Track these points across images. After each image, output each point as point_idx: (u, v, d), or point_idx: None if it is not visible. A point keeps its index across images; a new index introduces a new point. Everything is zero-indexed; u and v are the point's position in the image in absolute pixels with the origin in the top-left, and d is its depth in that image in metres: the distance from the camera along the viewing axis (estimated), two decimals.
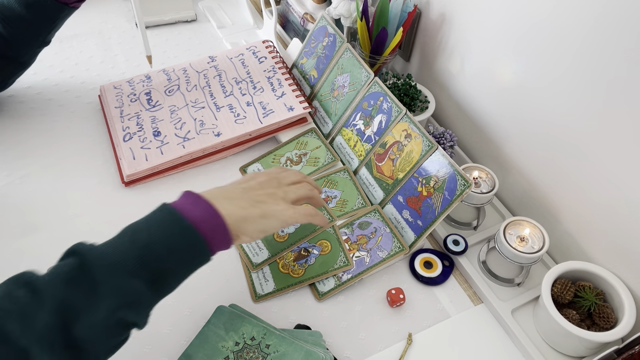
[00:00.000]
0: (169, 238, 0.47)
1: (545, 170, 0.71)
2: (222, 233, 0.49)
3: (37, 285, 0.43)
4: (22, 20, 0.73)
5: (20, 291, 0.42)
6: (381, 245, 0.68)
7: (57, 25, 0.77)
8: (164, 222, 0.48)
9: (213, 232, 0.49)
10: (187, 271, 0.49)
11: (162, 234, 0.47)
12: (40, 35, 0.77)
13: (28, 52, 0.78)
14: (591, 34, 0.57)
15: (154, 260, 0.46)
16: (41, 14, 0.74)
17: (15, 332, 0.39)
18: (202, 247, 0.48)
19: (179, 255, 0.47)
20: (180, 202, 0.50)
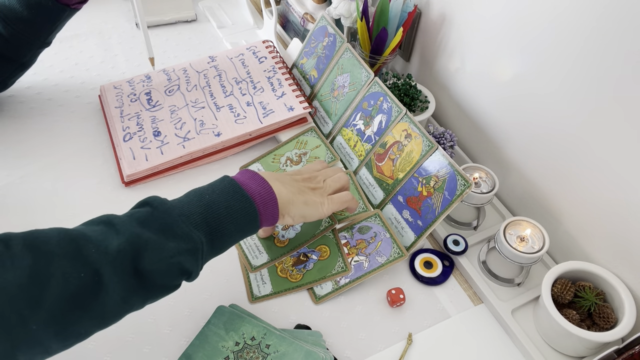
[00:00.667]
0: (229, 202, 0.53)
1: (546, 170, 0.71)
2: (272, 207, 0.57)
3: (114, 221, 0.49)
4: (23, 20, 0.73)
5: (99, 226, 0.49)
6: (380, 250, 0.68)
7: (58, 27, 0.77)
8: (226, 189, 0.54)
9: (265, 205, 0.56)
10: (238, 235, 0.55)
11: (223, 198, 0.53)
12: (41, 36, 0.77)
13: (28, 52, 0.78)
14: (592, 34, 0.57)
15: (215, 219, 0.52)
16: (42, 15, 0.74)
17: (93, 254, 0.45)
18: (254, 216, 0.55)
19: (235, 219, 0.54)
20: (240, 175, 0.57)
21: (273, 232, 0.71)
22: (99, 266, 0.45)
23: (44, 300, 0.42)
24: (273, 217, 0.57)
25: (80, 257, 0.45)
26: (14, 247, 0.43)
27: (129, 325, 0.61)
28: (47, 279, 0.43)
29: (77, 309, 0.44)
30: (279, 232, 0.72)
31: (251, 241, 0.71)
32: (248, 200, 0.54)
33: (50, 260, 0.44)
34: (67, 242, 0.45)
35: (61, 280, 0.43)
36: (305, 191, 0.61)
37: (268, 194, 0.56)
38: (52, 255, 0.44)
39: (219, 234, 0.53)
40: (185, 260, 0.50)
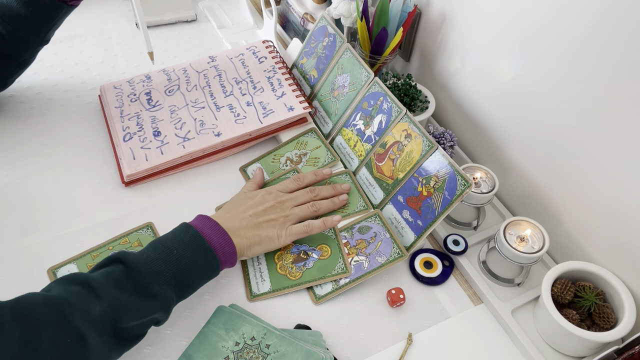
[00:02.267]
0: (194, 257, 0.58)
1: (546, 170, 0.71)
2: (231, 257, 0.62)
3: (91, 284, 0.51)
4: (21, 18, 0.73)
5: (75, 287, 0.51)
6: (380, 250, 0.68)
7: (56, 24, 0.77)
8: (191, 243, 0.59)
9: (225, 255, 0.61)
10: (202, 284, 0.60)
11: (189, 253, 0.58)
12: (40, 33, 0.76)
13: (27, 50, 0.78)
14: (591, 34, 0.57)
15: (183, 274, 0.57)
16: (40, 12, 0.73)
17: (78, 320, 0.48)
18: (217, 266, 0.60)
19: (200, 272, 0.59)
20: (201, 224, 0.62)
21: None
22: (84, 331, 0.48)
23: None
24: (231, 263, 0.63)
25: (66, 323, 0.48)
26: (2, 317, 0.46)
27: None
28: (37, 347, 0.46)
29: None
30: None
31: None
32: (211, 254, 0.59)
33: (38, 329, 0.47)
34: (52, 310, 0.48)
35: (49, 347, 0.46)
36: (261, 227, 0.65)
37: (228, 245, 0.61)
38: (39, 324, 0.47)
39: (186, 287, 0.58)
40: (159, 315, 0.55)
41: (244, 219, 0.65)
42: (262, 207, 0.67)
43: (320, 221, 0.69)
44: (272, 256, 0.69)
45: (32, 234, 0.70)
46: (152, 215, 0.73)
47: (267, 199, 0.69)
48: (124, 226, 0.71)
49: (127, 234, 0.70)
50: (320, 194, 0.73)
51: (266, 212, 0.67)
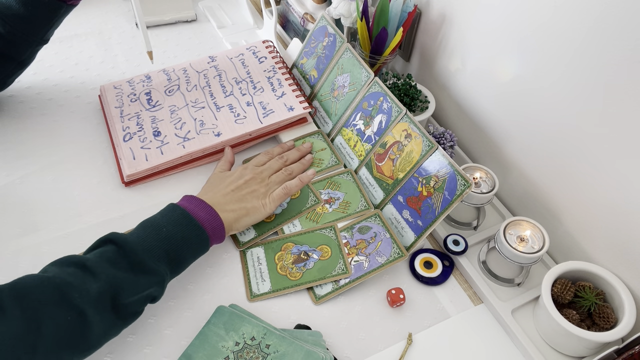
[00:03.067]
0: (184, 233, 0.60)
1: (546, 170, 0.71)
2: (220, 231, 0.64)
3: (86, 264, 0.53)
4: (20, 18, 0.73)
5: (70, 268, 0.53)
6: (380, 250, 0.68)
7: (55, 23, 0.77)
8: (180, 220, 0.60)
9: (214, 230, 0.63)
10: (193, 259, 0.62)
11: (179, 230, 0.60)
12: (39, 33, 0.76)
13: (27, 50, 0.78)
14: (591, 34, 0.57)
15: (174, 250, 0.59)
16: (39, 12, 0.73)
17: (76, 299, 0.50)
18: (206, 241, 0.62)
19: (190, 247, 0.61)
20: (188, 203, 0.63)
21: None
22: (83, 308, 0.50)
23: (39, 345, 0.47)
24: (221, 238, 0.65)
25: (65, 302, 0.50)
26: (2, 299, 0.47)
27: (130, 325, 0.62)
28: (39, 326, 0.47)
29: (67, 348, 0.50)
30: None
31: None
32: (200, 229, 0.61)
33: (39, 308, 0.48)
34: (50, 289, 0.50)
35: (51, 325, 0.48)
36: (245, 199, 0.68)
37: (216, 220, 0.63)
38: (39, 303, 0.48)
39: (178, 262, 0.60)
40: (155, 291, 0.57)
41: (227, 194, 0.68)
42: (242, 181, 0.70)
43: (296, 179, 0.73)
44: (273, 257, 0.69)
45: (32, 234, 0.70)
46: (152, 215, 0.73)
47: (245, 173, 0.72)
48: (124, 226, 0.71)
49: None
50: (290, 158, 0.78)
51: (247, 185, 0.70)
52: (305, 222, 0.73)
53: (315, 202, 0.74)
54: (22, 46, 0.77)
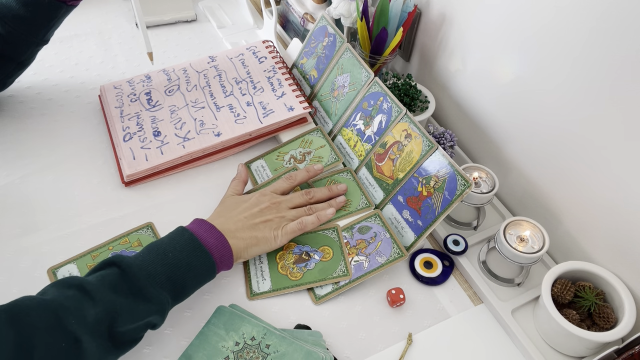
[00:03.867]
0: (190, 260, 0.58)
1: (546, 170, 0.71)
2: (228, 259, 0.62)
3: (86, 287, 0.51)
4: (20, 18, 0.73)
5: (70, 291, 0.51)
6: (380, 250, 0.68)
7: (55, 24, 0.77)
8: (187, 246, 0.59)
9: (222, 258, 0.61)
10: (198, 286, 0.60)
11: (185, 256, 0.58)
12: (39, 33, 0.76)
13: (27, 51, 0.78)
14: (593, 35, 0.57)
15: (179, 277, 0.57)
16: (39, 12, 0.73)
17: (72, 325, 0.48)
18: (212, 268, 0.60)
19: (196, 275, 0.59)
20: (197, 228, 0.61)
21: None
22: (78, 335, 0.48)
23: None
24: (229, 265, 0.63)
25: (60, 328, 0.48)
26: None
27: None
28: (31, 351, 0.46)
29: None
30: None
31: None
32: (207, 256, 0.59)
33: (33, 333, 0.46)
34: (47, 314, 0.48)
35: (44, 351, 0.46)
36: (257, 228, 0.66)
37: (224, 247, 0.61)
38: (33, 328, 0.47)
39: (181, 289, 0.58)
40: (154, 319, 0.55)
41: (240, 220, 0.65)
42: (257, 209, 0.67)
43: (313, 216, 0.69)
44: (274, 256, 0.69)
45: (32, 234, 0.70)
46: (152, 215, 0.73)
47: (262, 200, 0.69)
48: (124, 226, 0.71)
49: (127, 234, 0.70)
50: (316, 196, 0.73)
51: (262, 213, 0.67)
52: None
53: None
54: (22, 46, 0.77)
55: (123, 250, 0.68)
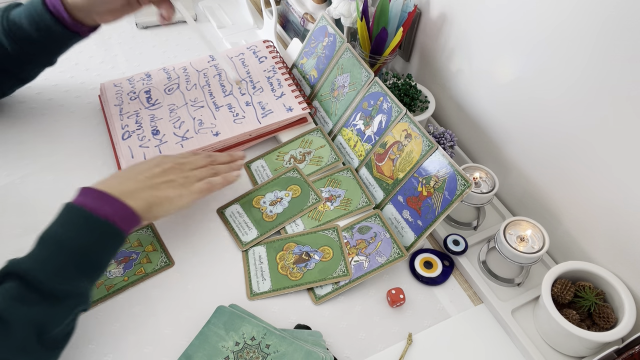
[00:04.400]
0: (90, 238, 0.54)
1: (546, 170, 0.71)
2: (133, 219, 0.58)
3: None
4: (30, 40, 0.72)
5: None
6: (380, 250, 0.68)
7: (64, 50, 0.77)
8: (82, 225, 0.54)
9: (124, 219, 0.56)
10: (112, 256, 0.57)
11: (83, 236, 0.53)
12: (46, 57, 0.77)
13: (32, 70, 0.78)
14: (594, 36, 0.57)
15: (85, 261, 0.53)
16: (50, 39, 0.73)
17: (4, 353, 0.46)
18: (119, 235, 0.56)
19: (102, 247, 0.55)
20: (85, 199, 0.56)
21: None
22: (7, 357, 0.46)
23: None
24: (135, 225, 0.58)
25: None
26: None
27: (129, 325, 0.62)
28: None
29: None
30: (267, 207, 0.74)
31: (240, 218, 0.73)
32: (107, 226, 0.55)
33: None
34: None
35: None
36: (159, 187, 0.62)
37: (123, 210, 0.56)
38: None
39: (95, 269, 0.55)
40: (80, 308, 0.53)
41: (139, 180, 0.61)
42: (158, 169, 0.63)
43: (220, 177, 0.67)
44: (274, 256, 0.69)
45: (32, 234, 0.69)
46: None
47: (164, 161, 0.65)
48: None
49: None
50: (218, 160, 0.72)
51: (164, 174, 0.63)
52: (308, 221, 0.73)
53: (316, 201, 0.74)
54: (27, 66, 0.77)
55: (123, 250, 0.68)
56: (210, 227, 0.73)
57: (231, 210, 0.74)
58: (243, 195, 0.76)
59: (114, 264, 0.67)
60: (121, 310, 0.63)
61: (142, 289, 0.65)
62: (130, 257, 0.68)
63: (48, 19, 0.71)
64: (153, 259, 0.68)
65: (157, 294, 0.65)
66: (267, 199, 0.75)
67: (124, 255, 0.68)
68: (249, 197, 0.76)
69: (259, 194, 0.76)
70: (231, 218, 0.73)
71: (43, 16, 0.70)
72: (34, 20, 0.71)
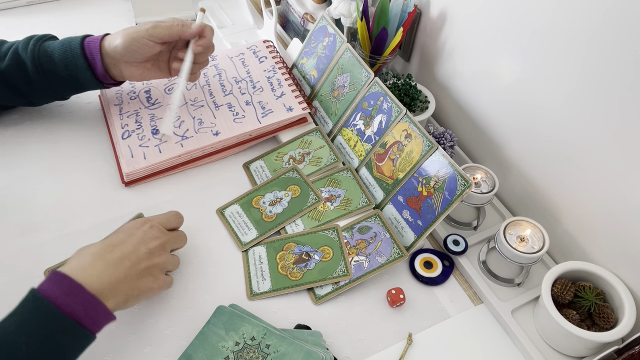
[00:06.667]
0: (51, 343, 0.46)
1: (546, 170, 0.71)
2: (105, 319, 0.51)
3: None
4: (55, 74, 0.72)
5: None
6: (380, 250, 0.68)
7: (81, 92, 0.78)
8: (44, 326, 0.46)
9: (96, 323, 0.50)
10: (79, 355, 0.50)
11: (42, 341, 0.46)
12: (63, 92, 0.77)
13: (42, 99, 0.79)
14: (593, 36, 0.57)
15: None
16: (75, 79, 0.73)
17: None
18: (87, 336, 0.49)
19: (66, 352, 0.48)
20: (57, 298, 0.47)
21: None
22: None
23: None
24: (105, 324, 0.52)
25: None
26: None
27: (129, 325, 0.62)
28: None
29: None
30: (267, 207, 0.74)
31: (239, 219, 0.73)
32: (76, 330, 0.48)
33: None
34: None
35: None
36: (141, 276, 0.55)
37: (97, 312, 0.49)
38: None
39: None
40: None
41: (124, 267, 0.53)
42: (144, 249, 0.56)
43: (169, 277, 0.61)
44: (274, 256, 0.69)
45: (32, 234, 0.70)
46: (152, 215, 0.73)
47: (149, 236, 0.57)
48: None
49: None
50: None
51: (150, 256, 0.56)
52: (308, 221, 0.73)
53: (315, 201, 0.74)
54: (42, 94, 0.77)
55: None
56: (209, 227, 0.73)
57: (231, 211, 0.74)
58: (242, 195, 0.76)
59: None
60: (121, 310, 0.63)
61: None
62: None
63: (81, 62, 0.71)
64: None
65: (157, 294, 0.65)
66: (266, 199, 0.75)
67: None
68: (248, 198, 0.76)
69: (259, 194, 0.76)
70: (231, 218, 0.73)
71: (77, 57, 0.71)
72: (67, 58, 0.71)
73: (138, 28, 0.72)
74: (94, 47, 0.72)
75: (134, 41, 0.71)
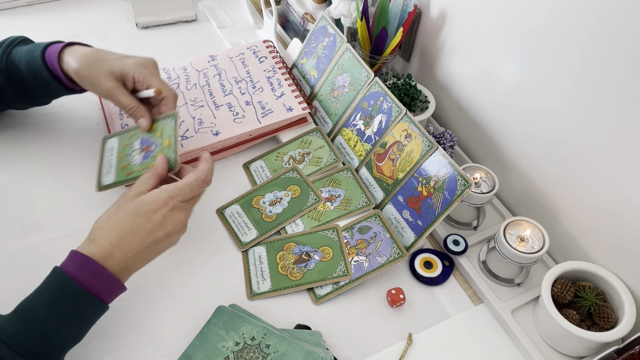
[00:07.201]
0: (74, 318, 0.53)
1: (546, 170, 0.71)
2: (119, 290, 0.56)
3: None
4: (26, 84, 0.72)
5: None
6: (380, 250, 0.68)
7: (57, 97, 0.77)
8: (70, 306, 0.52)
9: (112, 293, 0.55)
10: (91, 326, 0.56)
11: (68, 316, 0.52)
12: (40, 99, 0.77)
13: (24, 105, 0.79)
14: (592, 36, 0.57)
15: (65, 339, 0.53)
16: (45, 88, 0.73)
17: None
18: (102, 308, 0.55)
19: (87, 321, 0.55)
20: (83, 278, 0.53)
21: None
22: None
23: None
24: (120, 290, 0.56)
25: None
26: None
27: (129, 325, 0.62)
28: None
29: None
30: (267, 207, 0.74)
31: (239, 219, 0.73)
32: (97, 305, 0.54)
33: None
34: None
35: None
36: (157, 249, 0.58)
37: (118, 289, 0.55)
38: None
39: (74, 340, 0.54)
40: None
41: (141, 251, 0.56)
42: (161, 233, 0.57)
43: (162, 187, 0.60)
44: (274, 256, 0.69)
45: (32, 234, 0.70)
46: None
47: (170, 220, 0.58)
48: None
49: None
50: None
51: (167, 236, 0.58)
52: (308, 221, 0.73)
53: (315, 201, 0.74)
54: (22, 102, 0.77)
55: (147, 137, 0.68)
56: (209, 227, 0.73)
57: (231, 211, 0.74)
58: (242, 195, 0.76)
59: (137, 149, 0.67)
60: (121, 310, 0.63)
61: (142, 288, 0.65)
62: (150, 148, 0.67)
63: (45, 73, 0.70)
64: None
65: (157, 294, 0.65)
66: (266, 199, 0.75)
67: (146, 144, 0.67)
68: (248, 198, 0.76)
69: (259, 194, 0.76)
70: (231, 218, 0.73)
71: (40, 69, 0.70)
72: (32, 68, 0.70)
73: (100, 67, 0.67)
74: (53, 59, 0.69)
75: (90, 77, 0.67)
